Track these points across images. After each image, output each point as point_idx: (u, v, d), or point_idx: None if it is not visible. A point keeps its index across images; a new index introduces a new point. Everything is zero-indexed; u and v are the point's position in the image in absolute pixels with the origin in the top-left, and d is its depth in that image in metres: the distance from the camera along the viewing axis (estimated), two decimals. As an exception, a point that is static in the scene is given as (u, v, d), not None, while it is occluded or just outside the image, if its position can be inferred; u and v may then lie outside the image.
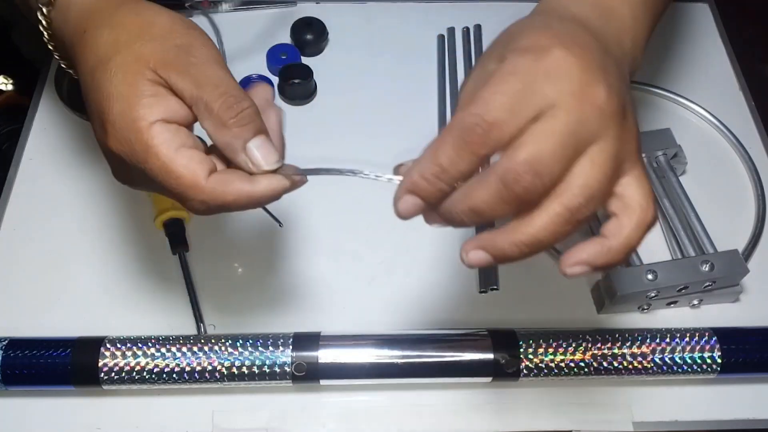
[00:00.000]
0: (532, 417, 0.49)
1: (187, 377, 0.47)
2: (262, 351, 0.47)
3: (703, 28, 0.72)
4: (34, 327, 0.52)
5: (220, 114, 0.35)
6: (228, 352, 0.47)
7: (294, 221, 0.58)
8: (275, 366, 0.47)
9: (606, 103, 0.32)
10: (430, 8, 0.72)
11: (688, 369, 0.48)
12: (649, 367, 0.48)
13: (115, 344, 0.47)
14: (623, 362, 0.48)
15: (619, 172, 0.34)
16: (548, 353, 0.48)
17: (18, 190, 0.59)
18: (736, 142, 0.63)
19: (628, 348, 0.48)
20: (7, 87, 0.68)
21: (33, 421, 0.49)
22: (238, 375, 0.47)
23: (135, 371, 0.46)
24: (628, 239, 0.34)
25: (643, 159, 0.35)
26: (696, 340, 0.48)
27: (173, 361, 0.47)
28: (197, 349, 0.47)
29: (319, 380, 0.48)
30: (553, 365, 0.48)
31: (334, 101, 0.66)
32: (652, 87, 0.66)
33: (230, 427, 0.49)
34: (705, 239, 0.54)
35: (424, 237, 0.57)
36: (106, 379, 0.46)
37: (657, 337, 0.49)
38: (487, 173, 0.33)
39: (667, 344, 0.48)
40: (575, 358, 0.48)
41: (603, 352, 0.48)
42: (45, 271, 0.55)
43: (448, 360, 0.48)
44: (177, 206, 0.56)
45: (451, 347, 0.48)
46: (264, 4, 0.72)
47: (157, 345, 0.47)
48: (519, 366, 0.47)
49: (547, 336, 0.48)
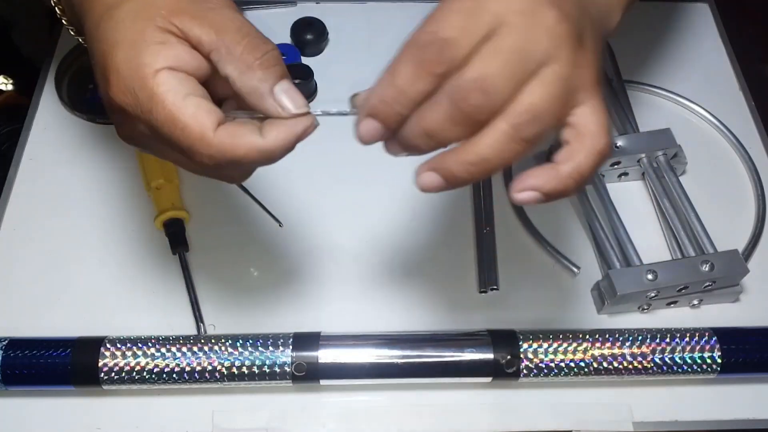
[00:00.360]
0: (532, 417, 0.49)
1: (187, 377, 0.47)
2: (261, 351, 0.47)
3: (703, 28, 0.72)
4: (34, 327, 0.52)
5: (245, 56, 0.33)
6: (228, 352, 0.47)
7: (294, 221, 0.58)
8: (275, 366, 0.47)
9: (556, 26, 0.32)
10: (430, 8, 0.72)
11: (688, 369, 0.48)
12: (649, 367, 0.48)
13: (115, 344, 0.47)
14: (623, 362, 0.48)
15: (571, 99, 0.34)
16: (548, 353, 0.48)
17: (18, 190, 0.59)
18: (736, 142, 0.63)
19: (628, 348, 0.48)
20: (7, 87, 0.68)
21: (33, 421, 0.49)
22: (237, 375, 0.47)
23: (135, 371, 0.46)
24: (578, 165, 0.34)
25: (601, 93, 0.35)
26: (696, 340, 0.48)
27: (173, 361, 0.47)
28: (197, 349, 0.47)
29: (319, 380, 0.48)
30: (553, 365, 0.48)
31: (334, 101, 0.66)
32: (652, 87, 0.66)
33: (230, 427, 0.49)
34: (705, 239, 0.54)
35: (424, 237, 0.57)
36: (106, 379, 0.46)
37: (657, 337, 0.49)
38: (438, 94, 0.32)
39: (667, 344, 0.48)
40: (575, 357, 0.48)
41: (603, 352, 0.48)
42: (45, 271, 0.55)
43: (448, 360, 0.48)
44: (177, 206, 0.56)
45: (451, 347, 0.48)
46: (264, 4, 0.72)
47: (157, 345, 0.47)
48: (519, 366, 0.47)
49: (547, 336, 0.48)
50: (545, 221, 0.58)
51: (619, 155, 0.57)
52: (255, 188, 0.59)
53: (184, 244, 0.55)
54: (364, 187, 0.60)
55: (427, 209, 0.59)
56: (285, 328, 0.49)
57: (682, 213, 0.56)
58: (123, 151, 0.61)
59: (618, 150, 0.57)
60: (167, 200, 0.56)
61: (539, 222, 0.58)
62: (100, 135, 0.63)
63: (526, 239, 0.57)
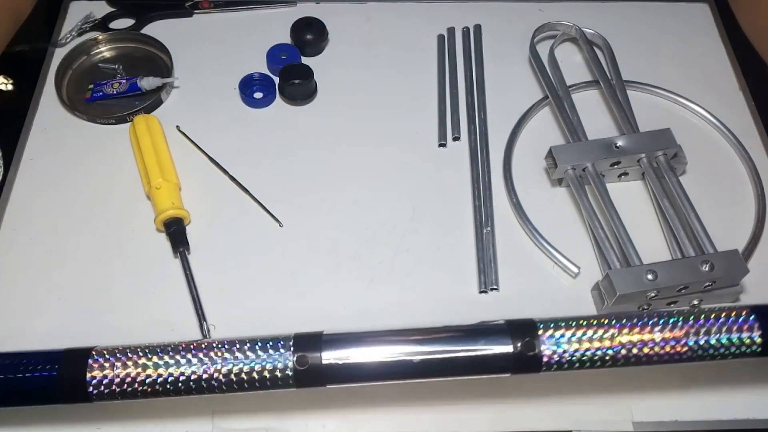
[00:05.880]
0: (532, 417, 0.49)
1: (182, 387, 0.43)
2: (260, 355, 0.43)
3: (703, 28, 0.72)
4: (34, 327, 0.52)
5: None
6: (225, 357, 0.43)
7: (294, 221, 0.58)
8: (276, 371, 0.43)
9: None
10: (430, 8, 0.73)
11: (726, 352, 0.44)
12: (683, 351, 0.43)
13: (103, 355, 0.43)
14: (654, 348, 0.43)
15: None
16: (572, 342, 0.43)
17: (18, 190, 0.59)
18: (736, 142, 0.63)
19: (659, 332, 0.43)
20: (7, 87, 0.68)
21: (33, 421, 0.49)
22: (236, 382, 0.43)
23: (126, 383, 0.42)
24: None
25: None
26: (732, 320, 0.44)
27: (166, 370, 0.42)
28: (191, 356, 0.43)
29: (325, 385, 0.44)
30: (578, 355, 0.43)
31: (334, 101, 0.66)
32: (652, 87, 0.66)
33: (230, 427, 0.49)
34: (705, 239, 0.54)
35: (424, 237, 0.57)
36: (95, 394, 0.42)
37: (690, 318, 0.44)
38: None
39: (701, 326, 0.44)
40: (602, 345, 0.43)
41: (631, 338, 0.43)
42: (45, 271, 0.55)
43: (466, 356, 0.43)
44: (177, 206, 0.56)
45: (468, 341, 0.44)
46: (264, 4, 0.72)
47: (148, 353, 0.43)
48: (541, 357, 0.43)
49: (569, 323, 0.44)
50: (545, 221, 0.58)
51: (619, 155, 0.57)
52: (255, 188, 0.60)
53: (185, 243, 0.55)
54: (364, 187, 0.60)
55: (427, 209, 0.59)
56: (285, 328, 0.49)
57: (682, 213, 0.56)
58: (123, 151, 0.61)
59: (618, 150, 0.57)
60: (167, 200, 0.56)
61: (539, 222, 0.58)
62: (100, 135, 0.63)
63: (526, 239, 0.57)
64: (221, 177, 0.60)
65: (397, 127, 0.64)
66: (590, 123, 0.61)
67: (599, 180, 0.57)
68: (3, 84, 0.68)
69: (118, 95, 0.64)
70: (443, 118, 0.64)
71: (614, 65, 0.66)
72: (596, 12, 0.73)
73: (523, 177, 0.61)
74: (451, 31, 0.71)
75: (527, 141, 0.63)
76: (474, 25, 0.71)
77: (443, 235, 0.58)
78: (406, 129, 0.64)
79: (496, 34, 0.71)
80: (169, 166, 0.59)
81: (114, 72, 0.67)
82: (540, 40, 0.69)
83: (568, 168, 0.57)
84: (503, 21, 0.72)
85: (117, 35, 0.69)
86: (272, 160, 0.62)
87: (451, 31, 0.71)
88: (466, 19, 0.71)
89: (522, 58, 0.69)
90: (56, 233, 0.57)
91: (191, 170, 0.60)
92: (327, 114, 0.65)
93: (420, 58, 0.69)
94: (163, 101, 0.65)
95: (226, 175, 0.60)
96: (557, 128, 0.64)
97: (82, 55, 0.68)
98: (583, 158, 0.57)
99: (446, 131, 0.64)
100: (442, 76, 0.67)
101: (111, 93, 0.64)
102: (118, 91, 0.64)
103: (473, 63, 0.68)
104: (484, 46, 0.70)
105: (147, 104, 0.64)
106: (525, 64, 0.69)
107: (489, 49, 0.70)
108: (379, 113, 0.65)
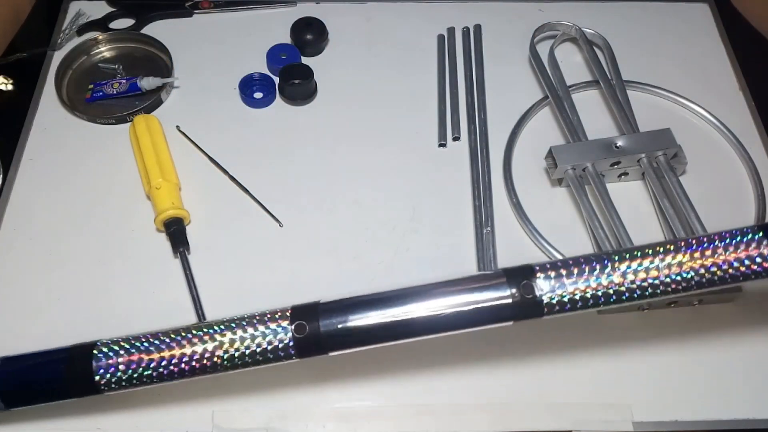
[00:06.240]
0: (532, 417, 0.49)
1: (185, 367, 0.43)
2: (258, 328, 0.43)
3: (703, 28, 0.72)
4: (33, 328, 0.52)
5: None
6: (225, 334, 0.43)
7: (294, 221, 0.58)
8: (276, 341, 0.43)
9: None
10: (430, 8, 0.73)
11: (736, 274, 0.42)
12: (689, 278, 0.42)
13: (108, 345, 0.44)
14: (657, 278, 0.42)
15: None
16: (572, 282, 0.42)
17: (18, 190, 0.59)
18: (736, 142, 0.63)
19: (661, 260, 0.42)
20: (7, 87, 0.68)
21: (33, 421, 0.49)
22: (239, 357, 0.43)
23: (131, 369, 0.43)
24: None
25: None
26: (738, 240, 0.42)
27: (168, 352, 0.43)
28: (192, 336, 0.43)
29: (327, 352, 0.43)
30: (579, 295, 0.42)
31: (334, 101, 0.66)
32: (652, 87, 0.66)
33: (230, 427, 0.49)
34: (705, 239, 0.54)
35: (424, 237, 0.57)
36: (103, 383, 0.44)
37: (693, 244, 0.42)
38: None
39: (705, 249, 0.42)
40: (602, 283, 0.42)
41: (632, 270, 0.42)
42: (45, 271, 0.55)
43: (465, 309, 0.43)
44: (177, 206, 0.56)
45: (465, 293, 0.43)
46: (264, 4, 0.72)
47: (150, 338, 0.44)
48: (541, 300, 0.42)
49: (567, 263, 0.43)
50: (545, 221, 0.58)
51: (619, 155, 0.57)
52: (255, 188, 0.60)
53: (185, 243, 0.55)
54: (364, 187, 0.60)
55: (427, 209, 0.59)
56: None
57: (682, 213, 0.56)
58: (123, 151, 0.61)
59: (618, 150, 0.57)
60: (167, 200, 0.56)
61: (539, 222, 0.58)
62: (100, 135, 0.63)
63: (526, 239, 0.57)
64: (221, 177, 0.60)
65: (397, 127, 0.64)
66: (590, 123, 0.61)
67: (599, 180, 0.57)
68: (3, 84, 0.68)
69: (118, 95, 0.64)
70: (443, 118, 0.64)
71: (614, 65, 0.66)
72: (596, 12, 0.73)
73: (523, 177, 0.61)
74: (451, 31, 0.71)
75: (527, 141, 0.63)
76: (474, 25, 0.71)
77: (443, 235, 0.58)
78: (406, 129, 0.64)
79: (496, 34, 0.71)
80: (169, 166, 0.59)
81: (114, 72, 0.67)
82: (540, 40, 0.69)
83: (568, 168, 0.57)
84: (503, 21, 0.72)
85: (117, 35, 0.69)
86: (272, 160, 0.62)
87: (451, 31, 0.71)
88: (466, 19, 0.71)
89: (522, 58, 0.69)
90: (56, 233, 0.57)
91: (191, 170, 0.60)
92: (327, 114, 0.65)
93: (420, 58, 0.69)
94: (163, 101, 0.65)
95: (226, 175, 0.60)
96: (557, 128, 0.64)
97: (82, 55, 0.68)
98: (583, 158, 0.57)
99: (446, 131, 0.64)
100: (442, 76, 0.67)
101: (111, 93, 0.64)
102: (118, 91, 0.64)
103: (473, 63, 0.68)
104: (484, 46, 0.70)
105: (147, 104, 0.64)
106: (525, 64, 0.69)
107: (489, 49, 0.70)
108: (379, 113, 0.65)
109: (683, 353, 0.52)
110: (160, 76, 0.64)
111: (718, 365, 0.52)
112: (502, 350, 0.52)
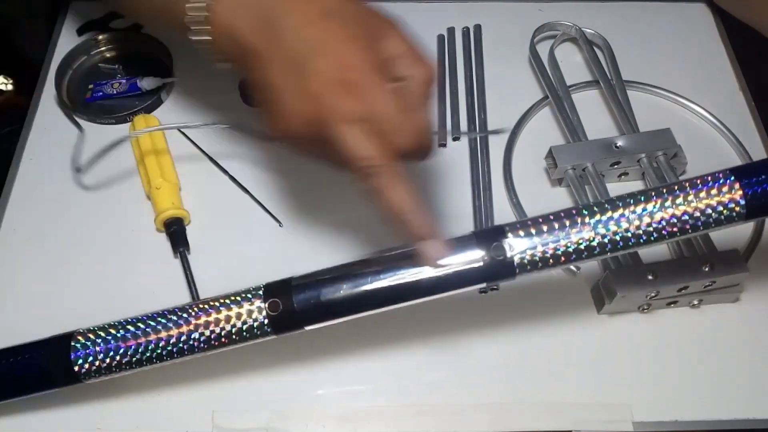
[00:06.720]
0: (532, 417, 0.49)
1: (164, 352, 0.44)
2: (232, 308, 0.44)
3: (703, 28, 0.72)
4: (33, 328, 0.52)
5: None
6: (199, 316, 0.44)
7: (294, 221, 0.58)
8: (251, 320, 0.43)
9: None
10: (430, 8, 0.72)
11: (709, 221, 0.42)
12: (662, 228, 0.41)
13: (86, 334, 0.45)
14: (631, 228, 0.42)
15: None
16: (542, 239, 0.42)
17: (18, 190, 0.59)
18: (736, 142, 0.63)
19: (631, 212, 0.42)
20: (7, 87, 0.68)
21: (33, 421, 0.49)
22: (215, 338, 0.43)
23: (109, 357, 0.44)
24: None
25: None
26: (710, 184, 0.42)
27: (146, 337, 0.44)
28: (167, 321, 0.44)
29: (302, 327, 0.44)
30: (551, 252, 0.42)
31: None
32: (652, 87, 0.66)
33: (230, 427, 0.49)
34: (705, 239, 0.54)
35: (424, 237, 0.57)
36: (84, 372, 0.44)
37: (663, 192, 0.42)
38: None
39: (676, 197, 0.42)
40: (573, 240, 0.42)
41: (605, 223, 0.41)
42: (45, 272, 0.55)
43: (437, 273, 0.43)
44: (177, 206, 0.56)
45: None
46: (264, 4, 0.72)
47: (126, 324, 0.45)
48: (512, 260, 0.42)
49: (537, 220, 0.43)
50: (545, 221, 0.58)
51: (619, 155, 0.57)
52: (255, 188, 0.60)
53: (185, 243, 0.55)
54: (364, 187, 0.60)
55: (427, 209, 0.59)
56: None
57: (682, 213, 0.56)
58: (123, 152, 0.61)
59: (618, 150, 0.57)
60: (167, 200, 0.56)
61: (539, 222, 0.58)
62: (100, 135, 0.63)
63: (526, 239, 0.57)
64: (221, 177, 0.60)
65: (397, 127, 0.64)
66: (590, 123, 0.61)
67: (599, 180, 0.57)
68: (3, 84, 0.68)
69: (118, 95, 0.64)
70: (443, 118, 0.64)
71: (614, 65, 0.66)
72: (596, 12, 0.73)
73: (523, 177, 0.61)
74: (451, 31, 0.70)
75: (527, 141, 0.63)
76: (474, 25, 0.71)
77: (443, 235, 0.57)
78: (406, 129, 0.64)
79: (496, 34, 0.71)
80: (169, 166, 0.59)
81: (114, 72, 0.67)
82: (540, 40, 0.69)
83: (568, 168, 0.57)
84: (503, 21, 0.72)
85: (117, 35, 0.69)
86: (272, 159, 0.62)
87: (451, 31, 0.70)
88: (466, 20, 0.71)
89: (522, 58, 0.69)
90: (56, 233, 0.57)
91: (191, 170, 0.60)
92: (327, 114, 0.65)
93: (420, 58, 0.69)
94: (163, 101, 0.65)
95: (226, 175, 0.60)
96: (557, 128, 0.64)
97: (82, 55, 0.68)
98: (583, 158, 0.57)
99: (446, 131, 0.64)
100: (442, 77, 0.67)
101: (111, 93, 0.64)
102: (118, 91, 0.64)
103: (473, 63, 0.68)
104: (484, 46, 0.70)
105: (147, 104, 0.64)
106: (525, 64, 0.69)
107: (489, 49, 0.69)
108: (379, 113, 0.65)
109: (683, 353, 0.52)
110: (160, 76, 0.64)
111: (718, 365, 0.52)
112: (503, 350, 0.52)
